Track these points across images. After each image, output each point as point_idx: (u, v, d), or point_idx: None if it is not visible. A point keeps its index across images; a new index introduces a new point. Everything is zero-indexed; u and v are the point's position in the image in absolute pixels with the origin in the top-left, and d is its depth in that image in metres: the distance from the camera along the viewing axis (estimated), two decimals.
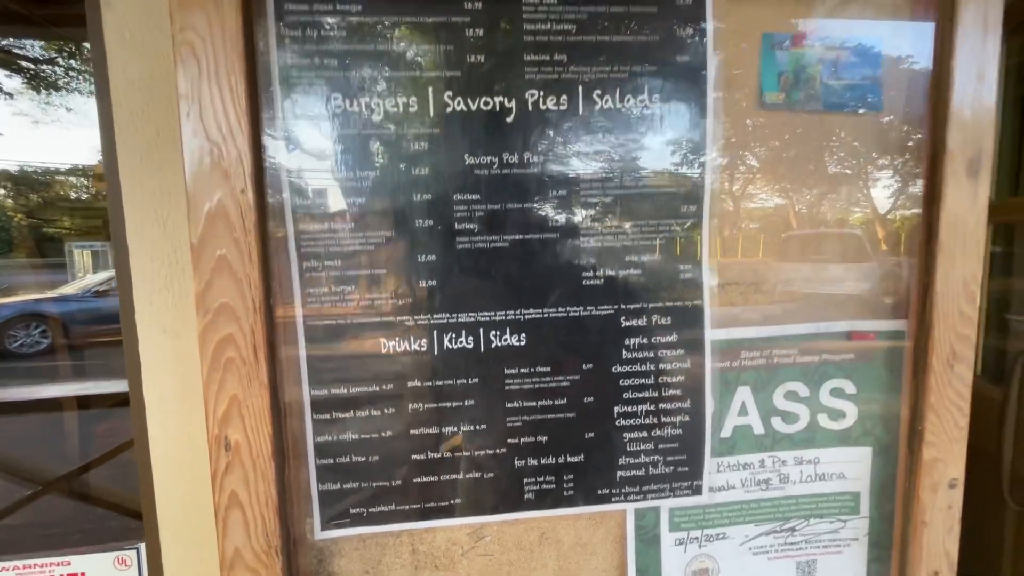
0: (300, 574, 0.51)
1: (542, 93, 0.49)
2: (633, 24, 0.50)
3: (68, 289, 8.67)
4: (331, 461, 0.51)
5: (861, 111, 0.54)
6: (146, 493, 0.54)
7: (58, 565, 0.69)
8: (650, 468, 0.56)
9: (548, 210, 0.51)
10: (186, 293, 0.50)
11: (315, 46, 0.46)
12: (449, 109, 0.49)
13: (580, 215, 0.51)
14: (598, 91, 0.50)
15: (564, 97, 0.50)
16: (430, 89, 0.48)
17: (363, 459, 0.52)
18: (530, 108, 0.49)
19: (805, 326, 0.57)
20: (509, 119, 0.49)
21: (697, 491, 0.57)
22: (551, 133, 0.50)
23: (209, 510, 0.47)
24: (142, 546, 0.69)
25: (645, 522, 0.57)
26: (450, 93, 0.48)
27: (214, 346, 0.45)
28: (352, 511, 0.52)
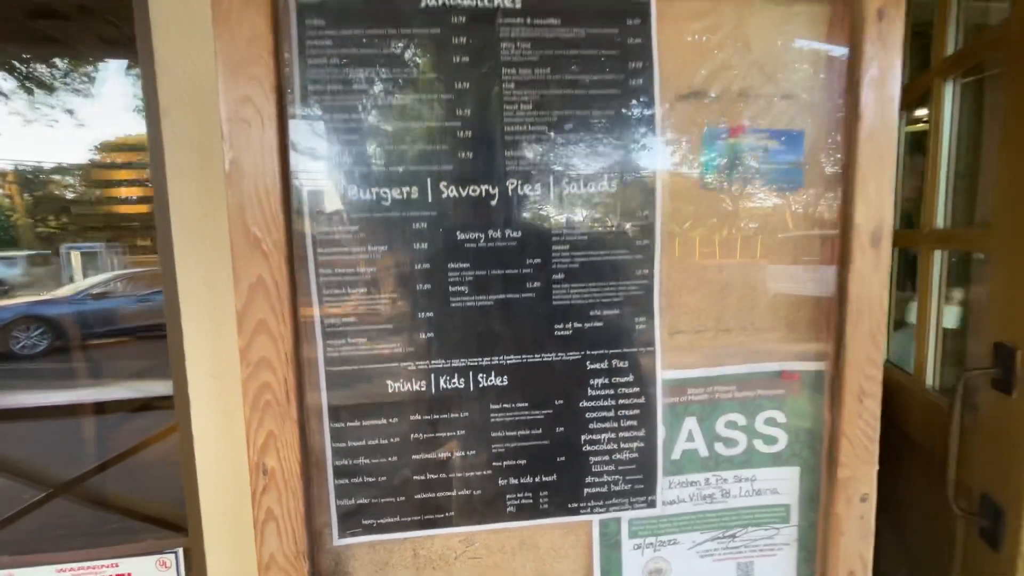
0: (321, 574, 0.62)
1: (520, 182, 0.60)
2: (596, 123, 0.61)
3: (63, 292, 8.75)
4: (347, 481, 0.62)
5: (788, 188, 0.65)
6: (192, 509, 0.65)
7: (109, 566, 0.79)
8: (612, 486, 0.67)
9: (525, 275, 0.62)
10: (227, 345, 0.61)
11: (335, 151, 0.57)
12: (444, 195, 0.60)
13: (552, 278, 0.62)
14: (566, 179, 0.61)
15: (538, 185, 0.61)
16: (428, 180, 0.59)
17: (373, 479, 0.63)
18: (510, 194, 0.60)
19: (742, 367, 0.68)
20: (493, 203, 0.60)
21: (652, 504, 0.68)
22: (527, 213, 0.61)
23: (248, 523, 0.58)
24: (180, 550, 0.79)
25: (608, 530, 0.68)
26: (445, 183, 0.59)
27: (254, 392, 0.56)
28: (364, 522, 0.63)
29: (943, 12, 1.44)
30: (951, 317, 1.46)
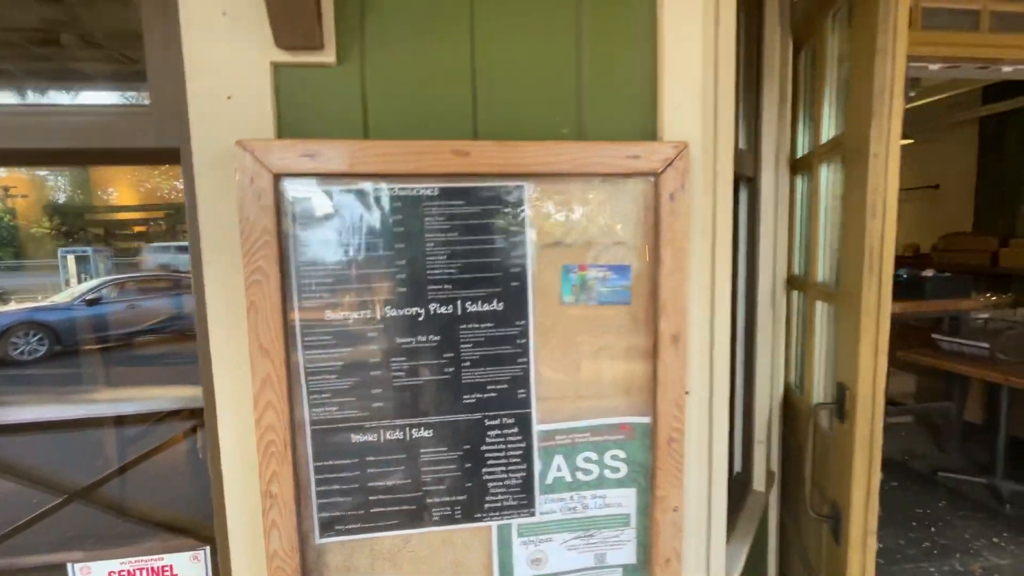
0: (308, 563, 0.94)
1: (438, 305, 0.93)
2: (488, 265, 0.93)
3: (60, 297, 8.98)
4: (325, 500, 0.94)
5: (620, 304, 0.98)
6: (219, 520, 0.97)
7: (155, 559, 1.11)
8: (504, 502, 0.99)
9: (443, 363, 0.94)
10: (245, 414, 0.92)
11: (315, 291, 0.89)
12: (388, 315, 0.91)
13: (461, 366, 0.94)
14: (469, 302, 0.93)
15: (450, 306, 0.93)
16: (377, 306, 0.91)
17: (343, 499, 0.95)
18: (432, 313, 0.93)
19: (594, 420, 1.00)
20: (420, 319, 0.92)
21: (532, 514, 1.00)
22: (443, 325, 0.93)
23: (260, 529, 0.90)
24: (208, 548, 1.11)
25: (503, 532, 1.00)
26: (388, 307, 0.91)
27: (264, 446, 0.88)
28: (336, 527, 0.95)
29: (818, 107, 1.78)
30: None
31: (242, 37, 0.88)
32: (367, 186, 0.89)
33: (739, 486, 1.84)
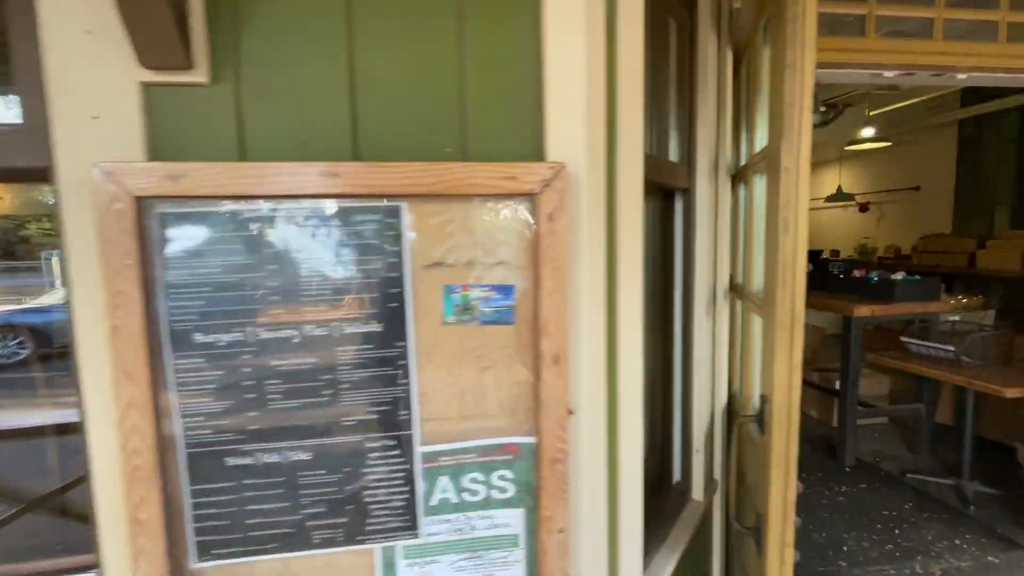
0: None
1: (314, 326, 0.92)
2: (366, 285, 0.92)
3: (47, 299, 8.90)
4: (202, 524, 0.93)
5: (504, 324, 0.97)
6: (96, 544, 0.96)
7: None
8: (388, 523, 0.98)
9: (320, 386, 0.93)
10: (115, 436, 0.91)
11: (184, 314, 0.88)
12: (261, 337, 0.90)
13: (339, 387, 0.94)
14: (347, 323, 0.93)
15: (327, 327, 0.92)
16: (249, 326, 0.90)
17: (220, 523, 0.94)
18: (307, 334, 0.92)
19: (479, 441, 0.99)
20: (296, 340, 0.92)
21: (417, 536, 0.99)
22: (320, 345, 0.92)
23: (130, 554, 0.89)
24: (94, 572, 1.10)
25: (387, 554, 0.99)
26: (262, 329, 0.90)
27: (130, 469, 0.86)
28: (213, 551, 0.94)
29: (753, 118, 1.78)
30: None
31: (108, 56, 0.86)
32: (237, 208, 0.88)
33: (677, 495, 1.83)
